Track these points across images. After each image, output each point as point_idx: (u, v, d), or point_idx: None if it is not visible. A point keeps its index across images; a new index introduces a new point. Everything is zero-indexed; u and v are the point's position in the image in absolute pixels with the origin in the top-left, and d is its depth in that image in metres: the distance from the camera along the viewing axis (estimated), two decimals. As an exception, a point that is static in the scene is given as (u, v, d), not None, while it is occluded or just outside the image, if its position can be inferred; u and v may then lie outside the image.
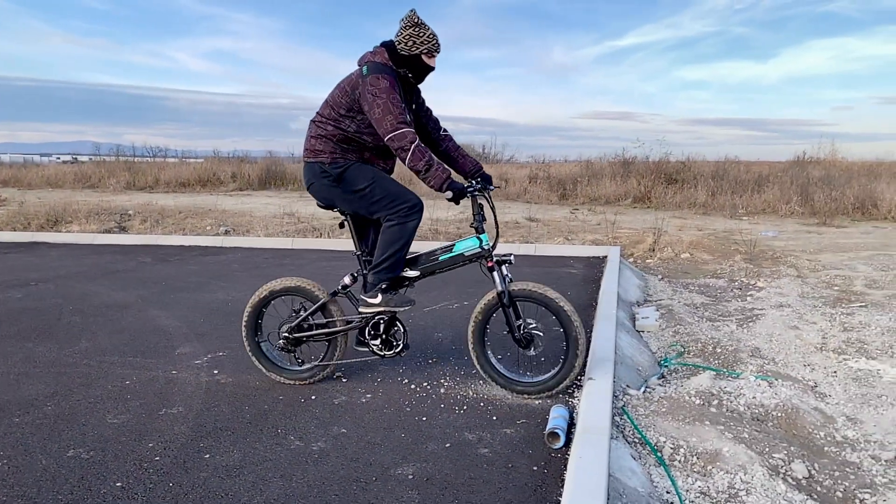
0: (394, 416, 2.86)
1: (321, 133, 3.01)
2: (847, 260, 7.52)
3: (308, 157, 3.07)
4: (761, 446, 2.67)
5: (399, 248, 3.01)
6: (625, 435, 2.71)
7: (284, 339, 3.24)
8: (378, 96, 2.80)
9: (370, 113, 2.84)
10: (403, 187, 3.06)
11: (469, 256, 3.06)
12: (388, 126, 2.80)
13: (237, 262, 6.83)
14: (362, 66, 2.92)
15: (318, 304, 3.20)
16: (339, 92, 2.97)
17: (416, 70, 3.01)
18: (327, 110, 3.00)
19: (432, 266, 3.12)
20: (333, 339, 3.24)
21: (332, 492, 2.23)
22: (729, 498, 2.31)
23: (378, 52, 2.97)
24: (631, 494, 2.25)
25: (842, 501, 2.45)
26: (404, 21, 2.95)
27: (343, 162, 2.99)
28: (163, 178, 17.25)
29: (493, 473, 2.36)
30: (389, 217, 2.99)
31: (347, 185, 3.00)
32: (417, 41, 2.92)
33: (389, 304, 3.06)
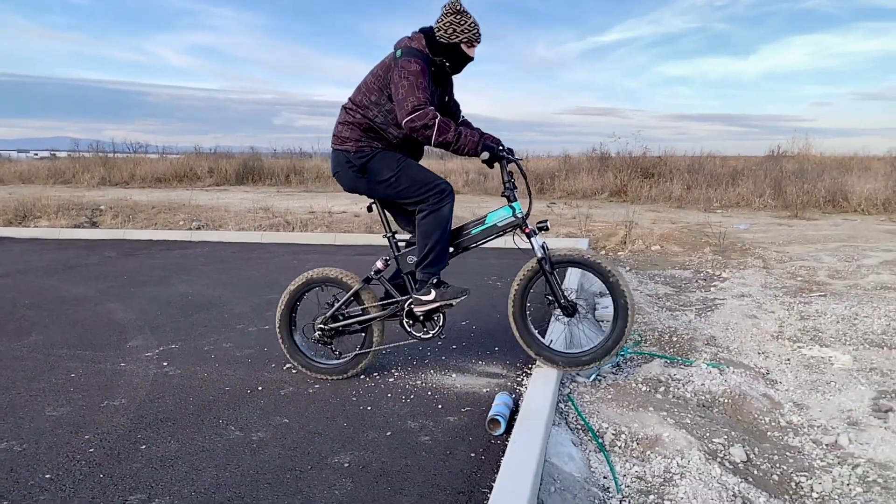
0: (338, 406, 2.84)
1: (349, 120, 2.93)
2: (814, 251, 7.61)
3: (335, 143, 2.99)
4: (702, 432, 2.69)
5: (439, 237, 2.90)
6: (568, 421, 2.71)
7: (320, 332, 3.15)
8: (405, 78, 2.72)
9: (395, 96, 2.75)
10: (430, 172, 2.95)
11: (503, 227, 2.98)
12: (409, 107, 2.70)
13: (203, 256, 6.76)
14: (396, 51, 2.84)
15: (350, 293, 3.10)
16: (372, 77, 2.89)
17: (455, 59, 2.91)
18: (359, 96, 2.92)
19: (466, 241, 3.03)
20: (370, 327, 3.14)
21: (265, 480, 2.21)
22: (664, 482, 2.32)
23: (416, 38, 2.88)
24: (566, 479, 2.26)
25: (777, 484, 2.47)
26: (446, 8, 2.85)
27: (368, 151, 2.91)
28: (139, 174, 17.03)
29: (430, 460, 2.35)
30: (421, 206, 2.90)
31: (372, 174, 2.93)
32: (458, 29, 2.83)
33: (445, 297, 2.94)
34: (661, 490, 2.27)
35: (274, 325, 3.24)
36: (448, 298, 2.95)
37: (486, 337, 3.83)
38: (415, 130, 2.74)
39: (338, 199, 13.49)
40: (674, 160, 15.47)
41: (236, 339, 3.83)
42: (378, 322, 3.13)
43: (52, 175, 17.56)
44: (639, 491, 2.28)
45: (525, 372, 3.23)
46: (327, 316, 3.13)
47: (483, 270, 5.92)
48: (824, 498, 2.41)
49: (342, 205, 12.38)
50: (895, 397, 3.29)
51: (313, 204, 12.36)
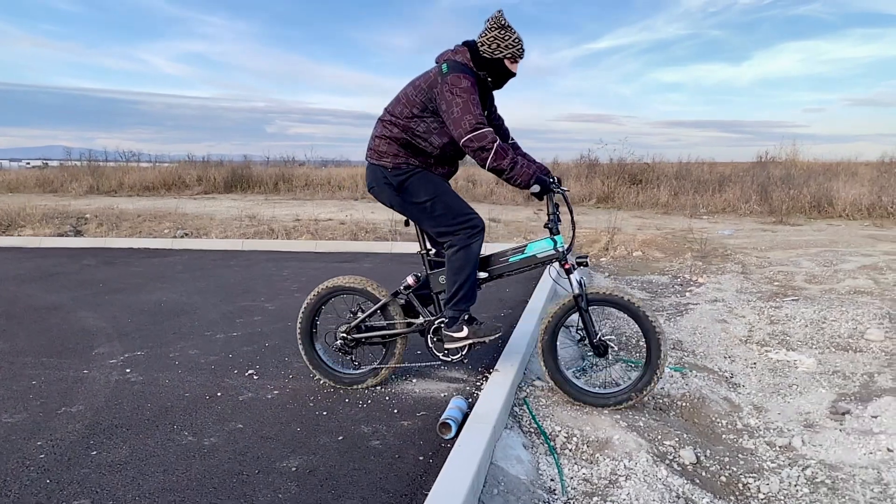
0: (294, 412, 2.85)
1: (387, 134, 2.84)
2: (794, 256, 7.65)
3: (372, 157, 2.91)
4: (654, 434, 2.71)
5: (469, 273, 2.84)
6: (521, 425, 2.72)
7: (342, 340, 3.11)
8: (458, 95, 2.64)
9: (447, 112, 2.67)
10: (465, 204, 2.89)
11: (542, 259, 2.91)
12: (467, 126, 2.62)
13: (182, 264, 6.76)
14: (441, 64, 2.76)
15: (378, 305, 3.05)
16: (413, 89, 2.81)
17: (497, 74, 2.84)
18: (399, 108, 2.83)
19: (502, 268, 2.97)
20: (392, 342, 3.11)
21: (211, 485, 2.21)
22: (609, 484, 2.34)
23: (460, 52, 2.80)
24: (511, 482, 2.27)
25: (724, 485, 2.49)
26: (490, 22, 2.78)
27: (406, 168, 2.84)
28: (127, 182, 17.03)
29: (378, 464, 2.36)
30: (452, 241, 2.84)
31: (408, 195, 2.85)
32: (502, 44, 2.75)
33: (478, 334, 2.88)
34: (605, 492, 2.29)
35: (295, 329, 3.20)
36: (481, 336, 2.88)
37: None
38: (471, 150, 2.67)
39: (325, 206, 13.52)
40: (661, 166, 15.56)
41: (203, 345, 3.84)
42: (402, 337, 3.11)
43: (40, 184, 17.55)
44: (584, 493, 2.30)
45: (485, 377, 3.24)
46: (352, 326, 3.10)
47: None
48: (770, 499, 2.43)
49: (329, 212, 12.41)
50: (854, 400, 3.31)
51: (300, 212, 12.38)
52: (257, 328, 4.21)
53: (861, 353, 3.94)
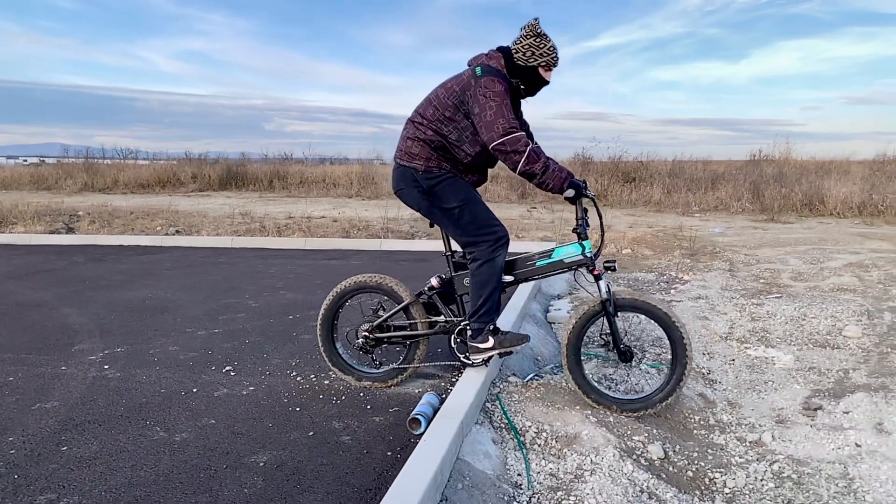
0: (268, 407, 2.87)
1: (419, 136, 2.79)
2: (782, 254, 7.67)
3: (402, 159, 2.85)
4: (623, 430, 2.73)
5: (493, 287, 2.82)
6: (492, 420, 2.74)
7: (364, 339, 3.09)
8: (492, 99, 2.61)
9: (480, 115, 2.64)
10: (492, 215, 2.85)
11: (569, 263, 2.89)
12: (500, 130, 2.60)
13: (170, 261, 6.77)
14: (475, 67, 2.73)
15: (402, 305, 3.04)
16: (444, 91, 2.77)
17: (530, 82, 2.82)
18: (430, 110, 2.78)
19: (528, 272, 2.95)
20: (415, 343, 3.10)
21: (178, 479, 2.23)
22: (574, 479, 2.36)
23: (494, 57, 2.78)
24: (477, 477, 2.29)
25: (690, 480, 2.51)
26: (526, 30, 2.75)
27: (437, 173, 2.79)
28: (122, 180, 17.02)
29: (346, 459, 2.38)
30: (475, 253, 2.81)
31: (437, 200, 2.81)
32: (537, 52, 2.73)
33: (504, 345, 2.87)
34: (570, 486, 2.31)
35: (316, 326, 3.17)
36: (507, 346, 2.87)
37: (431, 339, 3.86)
38: (503, 154, 2.64)
39: (319, 203, 13.53)
40: (655, 164, 15.58)
41: (184, 342, 3.85)
42: (424, 338, 3.10)
43: (34, 181, 17.53)
44: (549, 487, 2.32)
45: (461, 373, 3.26)
46: (374, 325, 3.08)
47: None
48: (735, 493, 2.46)
49: (322, 210, 12.43)
50: (827, 396, 3.34)
51: (294, 209, 12.39)
52: (239, 325, 4.22)
53: (838, 350, 3.97)
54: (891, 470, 2.57)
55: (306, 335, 3.97)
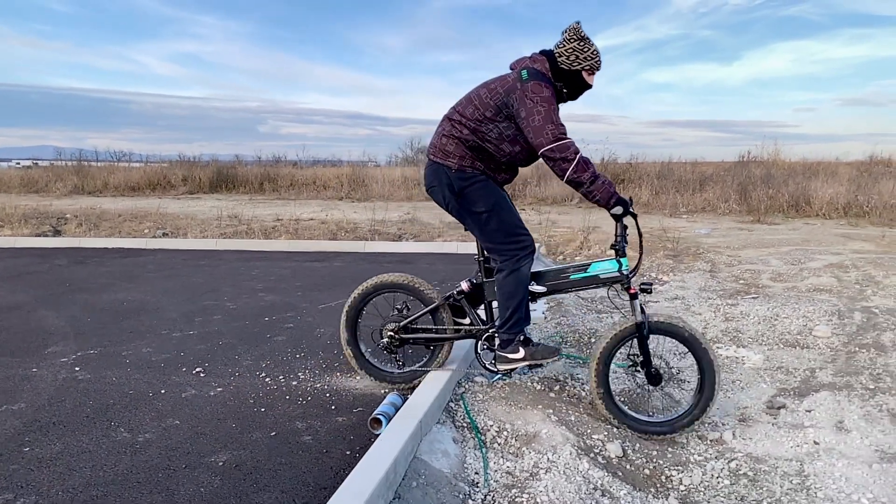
0: (233, 408, 2.89)
1: (455, 134, 2.75)
2: (765, 255, 7.72)
3: (435, 156, 2.81)
4: (583, 429, 2.76)
5: (521, 297, 2.80)
6: (455, 420, 2.77)
7: (389, 338, 3.07)
8: (539, 104, 2.59)
9: (528, 119, 2.60)
10: (520, 223, 2.83)
11: (604, 279, 2.86)
12: (550, 136, 2.57)
13: (153, 264, 6.78)
14: (520, 70, 2.69)
15: (431, 307, 3.03)
16: (486, 91, 2.72)
17: (574, 86, 2.78)
18: (470, 109, 2.73)
19: (561, 284, 2.92)
20: (439, 345, 3.09)
21: (136, 479, 2.25)
22: (529, 476, 2.39)
23: (538, 60, 2.74)
24: (433, 475, 2.32)
25: (647, 478, 2.55)
26: (569, 33, 2.73)
27: (469, 173, 2.76)
28: (112, 182, 17.01)
29: (305, 459, 2.40)
30: (500, 262, 2.80)
31: (467, 202, 2.78)
32: (581, 56, 2.70)
33: (535, 357, 2.84)
34: (525, 484, 2.34)
35: (340, 323, 3.16)
36: (538, 359, 2.85)
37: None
38: (551, 160, 2.61)
39: (309, 206, 13.55)
40: (643, 166, 15.65)
41: (157, 344, 3.87)
42: (449, 342, 3.09)
43: (24, 184, 17.49)
44: (505, 485, 2.35)
45: (428, 373, 3.29)
46: (401, 325, 3.06)
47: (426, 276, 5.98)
48: (690, 490, 2.49)
49: (311, 212, 12.44)
50: (792, 395, 3.38)
51: (282, 212, 12.40)
52: (214, 327, 4.24)
53: (807, 350, 4.01)
54: (845, 467, 2.61)
55: (280, 337, 3.99)
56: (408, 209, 13.06)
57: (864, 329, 4.25)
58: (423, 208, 13.36)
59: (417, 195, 15.62)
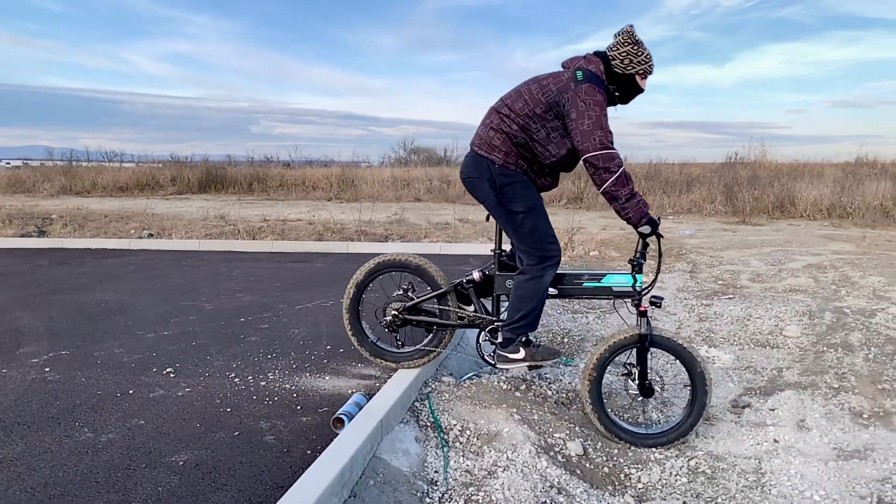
0: (199, 408, 2.91)
1: (504, 128, 2.71)
2: (746, 256, 7.79)
3: (480, 147, 2.76)
4: (546, 427, 2.79)
5: (535, 304, 2.79)
6: (419, 419, 2.80)
7: (393, 317, 3.06)
8: (592, 108, 2.55)
9: (577, 122, 2.57)
10: (552, 231, 2.81)
11: (617, 292, 2.86)
12: (596, 142, 2.54)
13: (134, 265, 6.77)
14: (575, 71, 2.65)
15: (440, 291, 3.03)
16: (538, 87, 2.67)
17: (626, 90, 2.76)
18: (520, 103, 2.69)
19: (573, 290, 2.93)
20: (442, 329, 3.10)
21: (95, 479, 2.27)
22: (487, 475, 2.41)
23: (593, 62, 2.70)
24: (392, 474, 2.34)
25: (605, 476, 2.58)
26: (623, 37, 2.71)
27: (512, 171, 2.72)
28: (100, 183, 16.95)
29: (265, 458, 2.42)
30: (525, 265, 2.79)
31: (505, 199, 2.74)
32: (635, 60, 2.68)
33: (535, 358, 2.85)
34: (482, 482, 2.37)
35: (343, 298, 3.17)
36: (538, 360, 2.85)
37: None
38: (593, 168, 2.59)
39: (297, 206, 13.54)
40: (631, 167, 15.72)
41: (131, 344, 3.88)
42: (452, 328, 3.11)
43: (11, 184, 17.41)
44: (463, 484, 2.38)
45: (397, 373, 3.31)
46: (408, 305, 3.06)
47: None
48: (648, 488, 2.53)
49: (299, 213, 12.44)
50: (758, 394, 3.42)
51: (270, 212, 12.40)
52: (189, 327, 4.25)
53: (777, 349, 4.05)
54: (802, 465, 2.65)
55: (253, 337, 4.01)
56: (396, 210, 13.09)
57: (833, 329, 4.31)
58: (412, 209, 13.39)
59: (406, 196, 15.65)
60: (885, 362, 3.71)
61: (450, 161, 24.46)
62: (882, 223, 10.86)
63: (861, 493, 2.44)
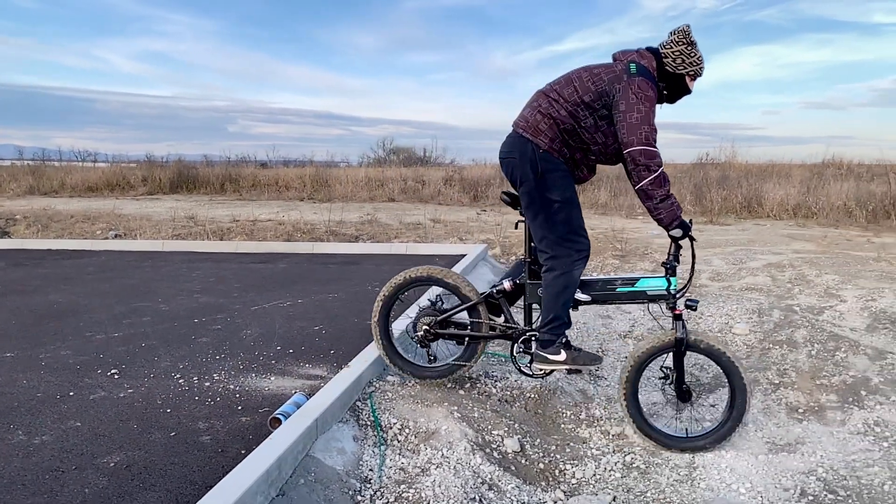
0: (139, 409, 2.89)
1: (552, 113, 2.65)
2: (709, 255, 7.91)
3: (525, 130, 2.70)
4: (485, 425, 2.82)
5: (567, 298, 2.75)
6: (360, 418, 2.80)
7: (424, 332, 3.01)
8: (642, 102, 2.53)
9: (625, 114, 2.54)
10: (583, 225, 2.77)
11: (651, 296, 2.84)
12: (642, 137, 2.52)
13: (94, 266, 6.69)
14: (628, 63, 2.63)
15: (470, 304, 2.99)
16: (588, 75, 2.64)
17: (675, 89, 2.74)
18: (569, 90, 2.65)
19: (607, 296, 2.89)
20: (474, 342, 3.06)
21: (22, 482, 2.24)
22: (420, 472, 2.43)
23: (647, 57, 2.67)
24: (324, 472, 2.35)
25: (540, 472, 2.61)
26: (678, 35, 2.67)
27: (557, 159, 2.68)
28: (69, 183, 16.68)
29: (198, 458, 2.41)
30: (553, 260, 2.72)
31: (544, 186, 2.68)
32: (687, 60, 2.66)
33: (577, 362, 2.80)
34: (414, 480, 2.39)
35: (371, 313, 3.11)
36: (579, 364, 2.82)
37: (331, 341, 3.91)
38: (634, 163, 2.56)
39: (269, 206, 13.45)
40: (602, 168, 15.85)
41: (78, 346, 3.83)
42: (484, 340, 3.07)
43: (-24, 185, 17.06)
44: (396, 481, 2.39)
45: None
46: (439, 319, 3.01)
47: (372, 276, 6.00)
48: (581, 483, 2.57)
49: (270, 213, 12.37)
50: (701, 390, 3.48)
51: (242, 212, 12.30)
52: (141, 329, 4.21)
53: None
54: (733, 459, 2.71)
55: (204, 338, 3.99)
56: (369, 210, 13.06)
57: (780, 326, 4.40)
58: (385, 209, 13.38)
59: (380, 196, 15.62)
60: (826, 358, 3.81)
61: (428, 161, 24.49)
62: (844, 223, 11.10)
63: (786, 486, 2.50)
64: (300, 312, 4.60)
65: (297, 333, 4.06)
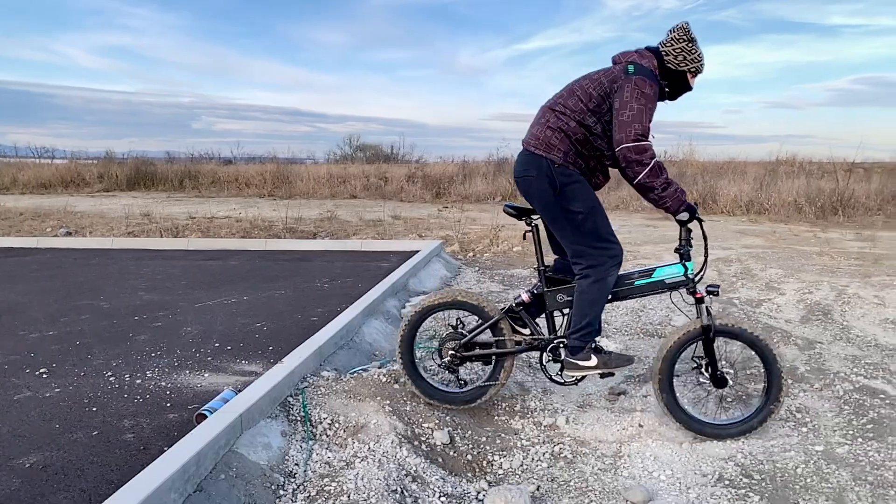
0: (63, 409, 2.83)
1: (561, 126, 2.65)
2: (661, 251, 8.06)
3: (538, 147, 2.68)
4: (415, 418, 2.83)
5: (600, 306, 2.73)
6: (290, 414, 2.79)
7: (451, 357, 2.94)
8: (637, 99, 2.53)
9: (618, 112, 2.55)
10: (612, 230, 2.73)
11: (670, 284, 2.80)
12: (631, 134, 2.51)
13: (39, 263, 6.51)
14: (627, 64, 2.62)
15: (490, 322, 2.91)
16: (590, 83, 2.66)
17: (676, 86, 2.75)
18: (573, 100, 2.66)
19: (626, 291, 2.85)
20: (501, 359, 2.98)
21: (-71, 484, 2.18)
22: (345, 466, 2.44)
23: (647, 56, 2.67)
24: (246, 468, 2.34)
25: (467, 463, 2.64)
26: (678, 33, 2.67)
27: (573, 171, 2.66)
28: (21, 180, 16.19)
29: (118, 457, 2.38)
30: (587, 267, 2.69)
31: (565, 200, 2.65)
32: (688, 58, 2.66)
33: (609, 365, 2.76)
34: (338, 473, 2.39)
35: (395, 345, 3.04)
36: (612, 367, 2.78)
37: (271, 338, 3.89)
38: (625, 160, 2.55)
39: (228, 203, 13.27)
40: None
41: (9, 345, 3.74)
42: (511, 356, 3.00)
43: (-78, 181, 16.45)
44: (320, 475, 2.39)
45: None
46: (462, 342, 2.94)
47: (322, 273, 5.97)
48: (508, 473, 2.60)
49: (228, 210, 12.20)
50: (635, 382, 3.56)
51: (199, 209, 12.11)
52: (78, 327, 4.12)
53: (664, 339, 4.22)
54: (658, 447, 2.78)
55: (143, 336, 3.92)
56: (329, 207, 12.98)
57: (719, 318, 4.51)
58: (346, 206, 13.31)
59: (342, 192, 15.54)
60: (758, 349, 3.92)
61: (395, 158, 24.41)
62: (794, 218, 11.43)
63: (704, 472, 2.57)
64: (244, 309, 4.56)
65: (238, 330, 4.02)
